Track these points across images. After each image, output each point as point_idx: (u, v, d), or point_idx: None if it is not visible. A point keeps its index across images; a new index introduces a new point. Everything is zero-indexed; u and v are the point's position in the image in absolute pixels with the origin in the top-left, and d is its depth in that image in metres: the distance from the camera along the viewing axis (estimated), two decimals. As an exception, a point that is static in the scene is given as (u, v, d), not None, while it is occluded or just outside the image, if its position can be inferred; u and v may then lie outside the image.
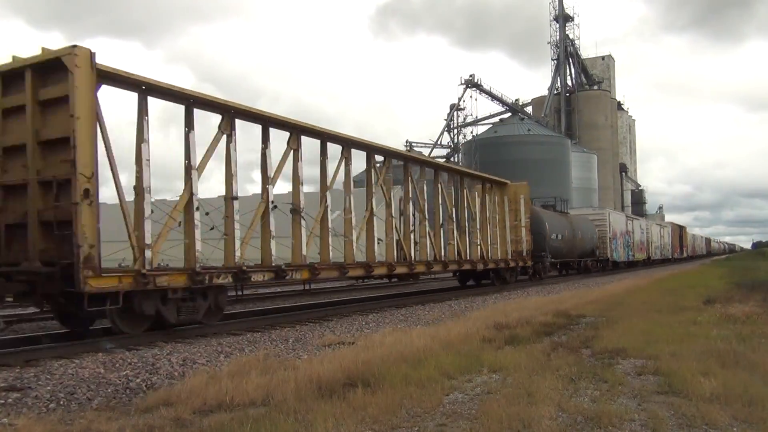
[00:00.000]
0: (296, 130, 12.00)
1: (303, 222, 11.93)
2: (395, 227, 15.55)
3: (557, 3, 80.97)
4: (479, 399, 5.15)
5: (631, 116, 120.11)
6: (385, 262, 14.81)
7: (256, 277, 10.79)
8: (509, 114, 72.33)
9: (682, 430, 4.31)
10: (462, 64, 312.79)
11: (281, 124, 11.84)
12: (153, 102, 9.40)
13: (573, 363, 6.55)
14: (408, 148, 65.31)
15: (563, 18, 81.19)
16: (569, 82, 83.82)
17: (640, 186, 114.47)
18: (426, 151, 66.54)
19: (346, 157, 13.48)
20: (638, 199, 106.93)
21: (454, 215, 18.33)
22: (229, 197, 10.49)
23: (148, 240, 8.90)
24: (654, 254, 48.25)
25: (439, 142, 69.31)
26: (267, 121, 11.46)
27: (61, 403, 5.58)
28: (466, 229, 19.10)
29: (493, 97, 70.62)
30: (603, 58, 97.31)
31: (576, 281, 26.14)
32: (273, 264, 11.13)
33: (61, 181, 8.10)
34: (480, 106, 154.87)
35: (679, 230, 66.22)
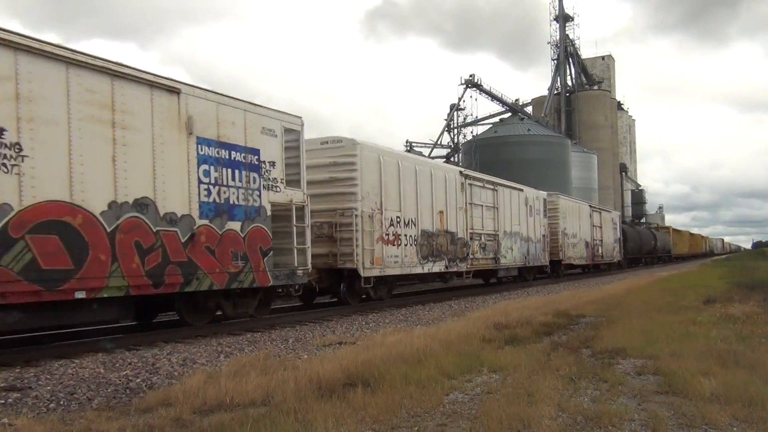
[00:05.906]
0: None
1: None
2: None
3: (557, 3, 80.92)
4: (479, 399, 5.15)
5: (631, 116, 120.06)
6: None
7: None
8: (509, 114, 72.26)
9: (682, 430, 4.31)
10: (453, 65, 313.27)
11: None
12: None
13: (573, 363, 6.55)
14: (408, 149, 65.35)
15: (563, 18, 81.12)
16: (569, 82, 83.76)
17: (640, 186, 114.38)
18: (426, 151, 66.60)
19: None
20: (638, 199, 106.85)
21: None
22: None
23: None
24: (718, 251, 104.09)
25: (439, 142, 69.33)
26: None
27: (61, 403, 5.57)
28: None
29: (493, 97, 70.53)
30: (603, 58, 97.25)
31: (576, 281, 26.13)
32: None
33: None
34: (480, 106, 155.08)
35: (722, 240, 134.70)
